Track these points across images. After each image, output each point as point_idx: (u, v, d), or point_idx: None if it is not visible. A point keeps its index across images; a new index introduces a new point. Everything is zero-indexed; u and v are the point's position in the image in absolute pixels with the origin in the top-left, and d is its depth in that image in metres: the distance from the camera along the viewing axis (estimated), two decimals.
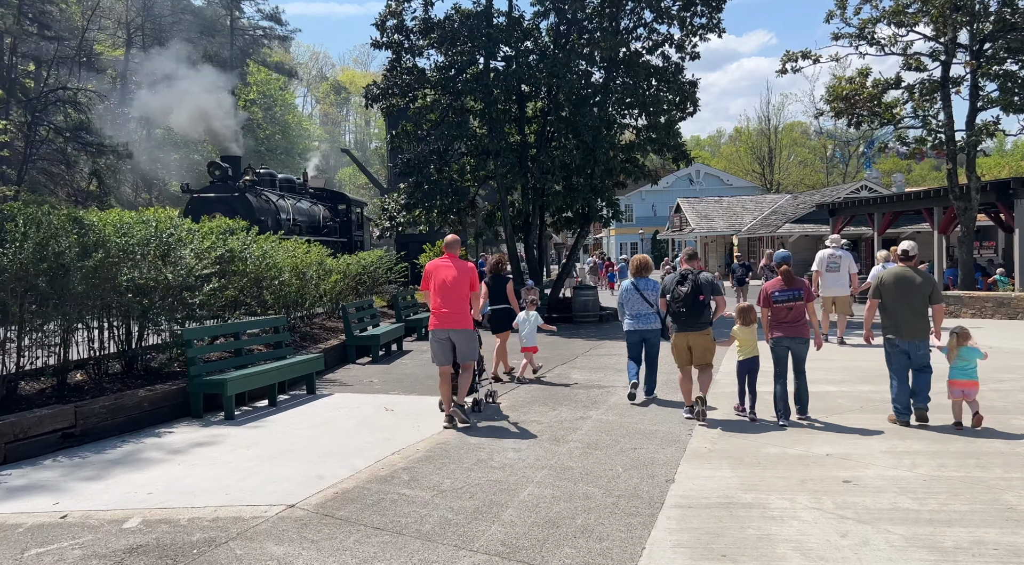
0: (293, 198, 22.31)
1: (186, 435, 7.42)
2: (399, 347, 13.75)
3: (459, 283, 7.75)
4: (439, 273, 7.82)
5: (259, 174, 20.62)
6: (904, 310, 7.36)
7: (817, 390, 8.70)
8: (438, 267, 7.89)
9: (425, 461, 6.44)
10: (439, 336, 7.81)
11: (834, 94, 21.85)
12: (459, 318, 7.75)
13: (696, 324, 7.78)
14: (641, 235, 60.66)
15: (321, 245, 22.26)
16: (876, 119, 21.93)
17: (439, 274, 7.81)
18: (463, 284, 7.77)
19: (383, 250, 40.22)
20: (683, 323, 7.83)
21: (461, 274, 7.78)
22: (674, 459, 6.48)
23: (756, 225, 42.95)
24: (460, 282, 7.75)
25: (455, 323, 7.74)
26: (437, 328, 7.80)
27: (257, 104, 39.11)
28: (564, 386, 10.00)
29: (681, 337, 7.89)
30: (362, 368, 11.76)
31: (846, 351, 12.62)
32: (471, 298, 7.96)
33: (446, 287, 7.73)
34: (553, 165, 18.59)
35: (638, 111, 19.87)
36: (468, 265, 7.97)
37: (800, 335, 7.59)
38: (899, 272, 7.51)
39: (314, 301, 12.80)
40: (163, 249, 8.54)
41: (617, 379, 10.41)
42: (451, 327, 7.74)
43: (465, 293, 7.80)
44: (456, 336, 7.78)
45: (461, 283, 7.76)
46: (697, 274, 7.86)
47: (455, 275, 7.75)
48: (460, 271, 7.79)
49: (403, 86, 19.38)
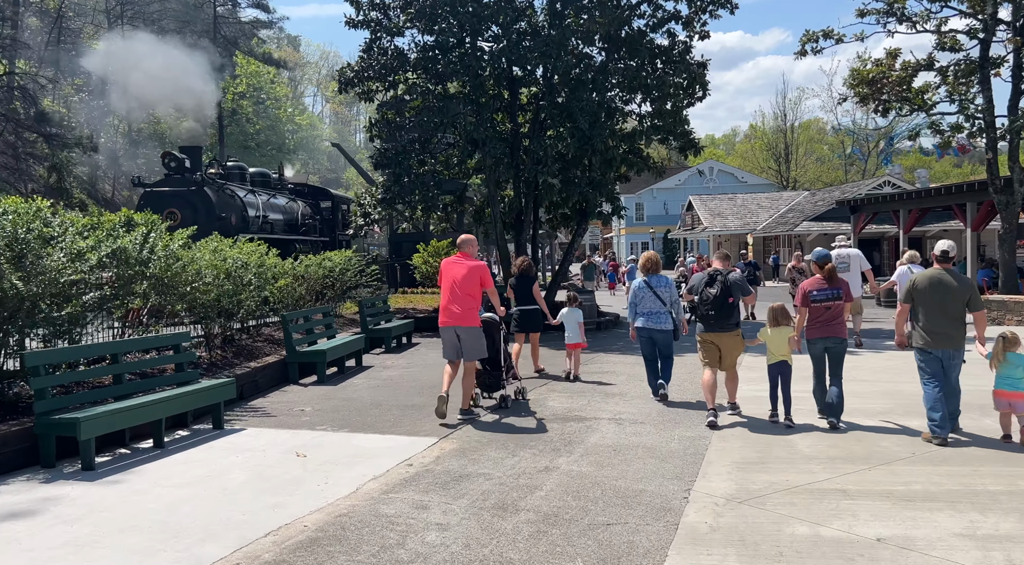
0: (266, 194, 20.50)
1: (8, 496, 5.57)
2: (358, 362, 11.88)
3: (469, 281, 7.90)
4: (450, 271, 8.01)
5: (226, 167, 18.85)
6: (939, 317, 6.78)
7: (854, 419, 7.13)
8: (450, 265, 8.09)
9: (305, 549, 4.55)
10: (447, 332, 8.00)
11: (858, 77, 19.79)
12: (466, 316, 7.89)
13: (726, 325, 7.66)
14: (652, 234, 58.61)
15: (301, 245, 20.60)
16: (905, 105, 19.88)
17: (450, 272, 8.01)
18: (473, 282, 7.92)
19: (377, 252, 38.48)
20: (711, 325, 7.70)
21: (471, 272, 7.93)
22: (660, 544, 4.58)
23: (772, 223, 40.86)
24: (470, 280, 7.91)
25: (462, 320, 7.88)
26: (446, 325, 7.98)
27: (247, 97, 37.29)
28: (534, 417, 8.10)
29: (709, 337, 7.77)
30: (302, 390, 9.89)
31: (879, 370, 10.74)
32: (488, 295, 8.20)
33: (456, 285, 7.91)
34: (546, 156, 16.68)
35: (641, 96, 17.91)
36: (479, 264, 8.10)
37: (838, 335, 7.38)
38: (935, 275, 6.90)
39: (253, 310, 10.95)
40: (19, 249, 6.71)
41: (603, 407, 8.50)
42: (458, 324, 7.90)
43: (474, 291, 7.95)
44: (463, 333, 7.91)
45: (471, 281, 7.91)
46: (727, 274, 7.69)
47: (465, 273, 7.92)
48: (470, 270, 7.95)
49: (380, 69, 17.54)
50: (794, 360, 7.68)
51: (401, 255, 30.18)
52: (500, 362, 8.51)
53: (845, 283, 7.57)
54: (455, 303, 7.88)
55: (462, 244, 8.24)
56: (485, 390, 8.58)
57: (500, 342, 8.47)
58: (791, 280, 17.91)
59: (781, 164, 66.83)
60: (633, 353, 12.69)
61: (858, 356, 11.69)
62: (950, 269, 6.93)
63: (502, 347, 8.50)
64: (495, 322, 8.51)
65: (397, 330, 13.86)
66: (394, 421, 8.02)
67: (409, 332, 14.88)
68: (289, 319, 10.39)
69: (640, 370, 9.77)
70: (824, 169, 69.48)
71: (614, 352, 13.27)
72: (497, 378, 8.51)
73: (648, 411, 8.33)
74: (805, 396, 7.93)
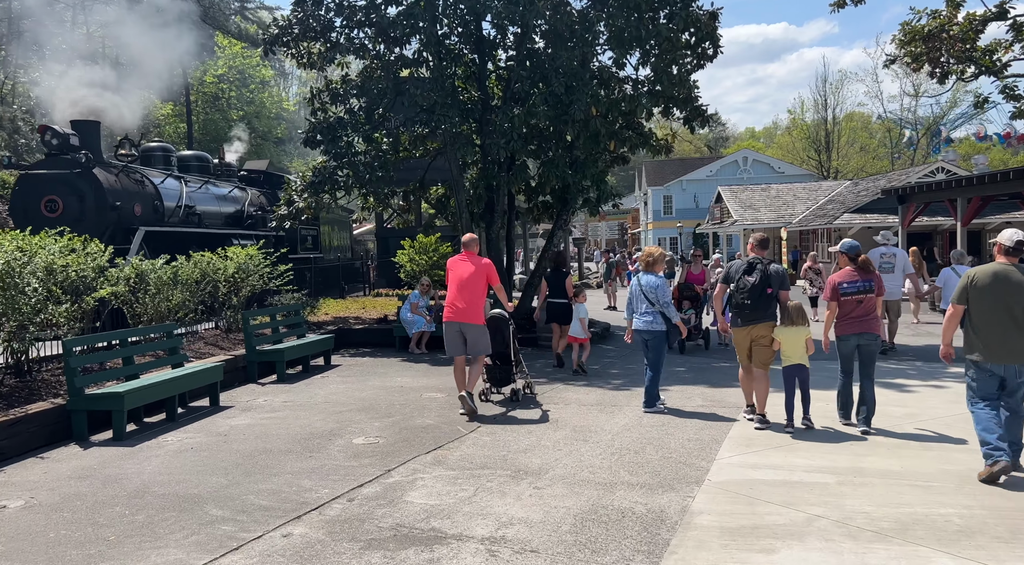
0: (200, 180, 17.45)
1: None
2: (213, 400, 8.67)
3: (475, 279, 8.12)
4: (456, 269, 8.24)
5: (140, 147, 15.82)
6: (1003, 323, 5.53)
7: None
8: (456, 263, 8.31)
9: None
10: (452, 328, 8.13)
11: (911, 33, 16.06)
12: (471, 313, 8.08)
13: (763, 316, 7.19)
14: (680, 228, 54.74)
15: (243, 242, 17.51)
16: (969, 66, 16.09)
17: (456, 270, 8.23)
18: (479, 280, 8.13)
19: (370, 246, 35.32)
20: (746, 316, 7.24)
21: (477, 270, 8.15)
22: None
23: (809, 216, 36.89)
24: (476, 278, 8.12)
25: (467, 317, 8.07)
26: (451, 320, 8.14)
27: (227, 80, 34.15)
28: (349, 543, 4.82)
29: (743, 332, 7.31)
30: (85, 455, 6.71)
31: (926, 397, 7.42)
32: (496, 292, 8.49)
33: (462, 282, 8.13)
34: (512, 128, 13.32)
35: (639, 56, 14.43)
36: (485, 261, 8.29)
37: (870, 331, 7.00)
38: (1000, 270, 5.63)
39: (43, 325, 7.78)
40: None
41: (490, 508, 5.19)
42: (463, 321, 8.07)
43: (479, 289, 8.15)
44: (467, 329, 8.08)
45: (477, 279, 8.12)
46: (767, 264, 7.25)
47: (471, 271, 8.14)
48: (476, 267, 8.17)
49: (316, 26, 14.36)
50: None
51: (388, 251, 27.11)
52: (510, 357, 8.68)
53: (878, 276, 7.16)
54: (460, 299, 8.06)
55: (468, 243, 8.45)
56: (495, 384, 8.81)
57: (510, 337, 8.64)
58: (809, 281, 17.03)
59: (822, 153, 62.30)
60: (608, 387, 9.41)
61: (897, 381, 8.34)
62: (1019, 264, 5.68)
63: (511, 342, 8.64)
64: (504, 317, 8.73)
65: (294, 352, 10.58)
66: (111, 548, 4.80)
67: (326, 351, 11.68)
68: (69, 346, 7.15)
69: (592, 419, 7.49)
70: (868, 159, 64.73)
71: (577, 385, 9.89)
72: (508, 372, 8.71)
73: (564, 514, 5.02)
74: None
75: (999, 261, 5.75)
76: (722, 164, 61.01)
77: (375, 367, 11.52)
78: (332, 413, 8.21)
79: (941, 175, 31.26)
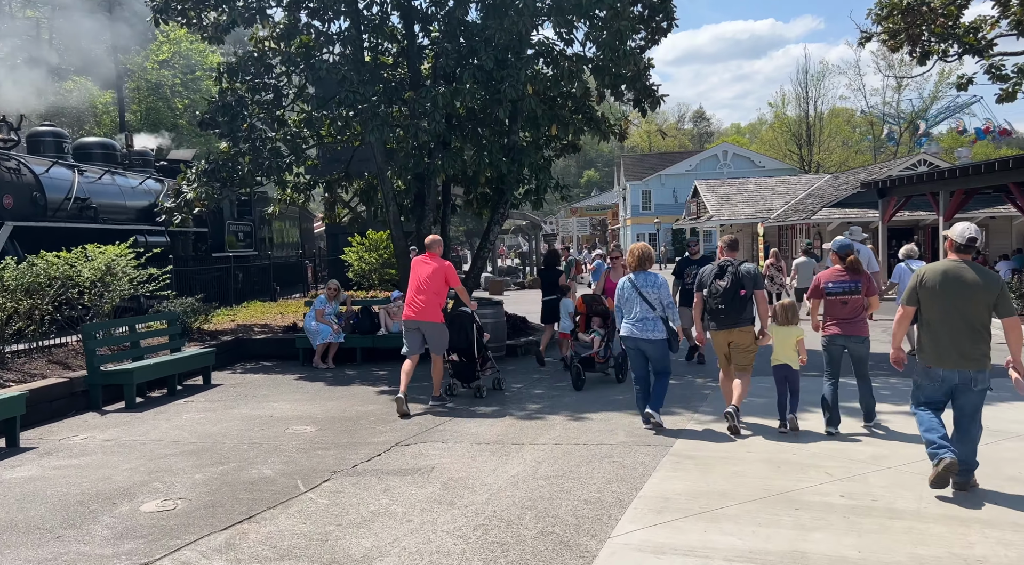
0: (101, 170, 15.61)
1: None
2: (8, 443, 6.93)
3: (434, 279, 8.29)
4: (417, 269, 8.44)
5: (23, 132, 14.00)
6: (954, 325, 5.12)
7: None
8: (417, 263, 8.50)
9: None
10: (410, 326, 8.36)
11: (888, 6, 14.47)
12: (429, 311, 8.28)
13: (738, 321, 6.94)
14: (657, 224, 53.16)
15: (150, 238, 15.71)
16: (952, 44, 14.52)
17: (416, 270, 8.43)
18: (438, 280, 8.30)
19: (321, 246, 33.37)
20: (722, 321, 6.99)
21: (436, 271, 8.32)
22: None
23: (788, 211, 35.43)
24: (435, 278, 8.30)
25: (425, 315, 8.27)
26: (409, 318, 8.36)
27: (172, 65, 31.93)
28: None
29: (721, 335, 7.08)
30: None
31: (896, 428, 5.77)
32: (458, 292, 8.67)
33: (421, 282, 8.32)
34: (436, 107, 11.59)
35: (588, 30, 12.73)
36: (445, 263, 8.47)
37: (858, 333, 6.75)
38: (951, 268, 5.18)
39: None
40: None
41: None
42: (421, 319, 8.28)
43: (438, 288, 8.32)
44: (425, 327, 8.31)
45: (436, 279, 8.30)
46: (738, 266, 6.99)
47: (431, 272, 8.31)
48: (436, 269, 8.34)
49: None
50: None
51: (339, 249, 25.29)
52: (475, 354, 8.77)
53: (867, 275, 6.86)
54: (419, 299, 8.26)
55: (430, 244, 8.57)
56: (461, 380, 8.90)
57: (473, 334, 8.75)
58: (770, 277, 15.83)
59: (803, 147, 60.89)
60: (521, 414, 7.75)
61: None
62: (971, 262, 5.19)
63: (475, 339, 8.73)
64: (468, 314, 8.81)
65: (149, 372, 8.79)
66: None
67: (205, 367, 9.93)
68: None
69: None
70: (851, 153, 63.39)
71: (486, 410, 8.18)
72: (472, 369, 8.82)
73: None
74: None
75: (951, 258, 5.29)
76: (702, 158, 59.59)
77: (260, 387, 9.80)
78: (152, 459, 6.49)
79: (923, 167, 29.82)
